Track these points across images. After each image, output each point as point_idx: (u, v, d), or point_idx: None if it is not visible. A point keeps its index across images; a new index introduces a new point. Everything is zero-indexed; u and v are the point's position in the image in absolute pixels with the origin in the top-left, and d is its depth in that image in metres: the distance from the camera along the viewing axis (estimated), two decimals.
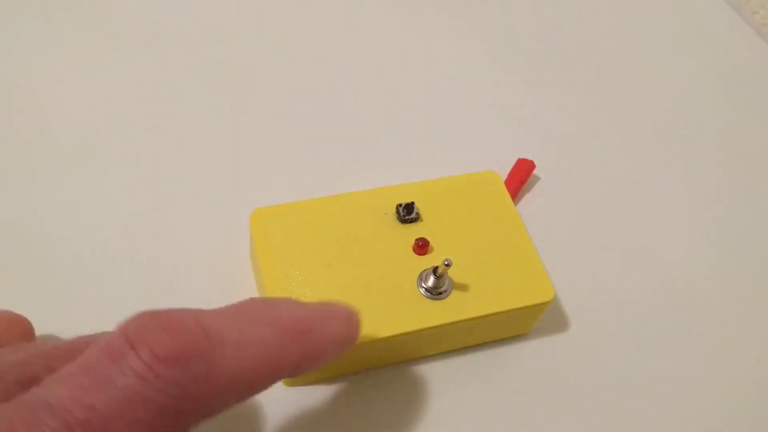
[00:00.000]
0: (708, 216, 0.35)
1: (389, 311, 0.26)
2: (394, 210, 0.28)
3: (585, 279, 0.32)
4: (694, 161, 0.37)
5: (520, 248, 0.28)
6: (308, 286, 0.26)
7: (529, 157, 0.34)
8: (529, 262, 0.28)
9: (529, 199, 0.34)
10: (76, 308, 0.27)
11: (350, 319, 0.22)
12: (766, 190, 0.37)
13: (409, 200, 0.28)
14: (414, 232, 0.27)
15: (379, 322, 0.25)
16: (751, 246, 0.35)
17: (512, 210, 0.29)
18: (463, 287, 0.27)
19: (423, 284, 0.26)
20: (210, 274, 0.29)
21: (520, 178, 0.34)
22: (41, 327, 0.25)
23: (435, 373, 0.28)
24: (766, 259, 0.34)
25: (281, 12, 0.40)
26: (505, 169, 0.33)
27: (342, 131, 0.35)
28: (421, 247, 0.27)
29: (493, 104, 0.38)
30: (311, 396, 0.27)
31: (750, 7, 0.46)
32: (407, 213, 0.28)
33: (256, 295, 0.28)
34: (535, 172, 0.34)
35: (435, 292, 0.26)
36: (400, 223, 0.28)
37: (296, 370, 0.19)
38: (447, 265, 0.25)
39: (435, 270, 0.26)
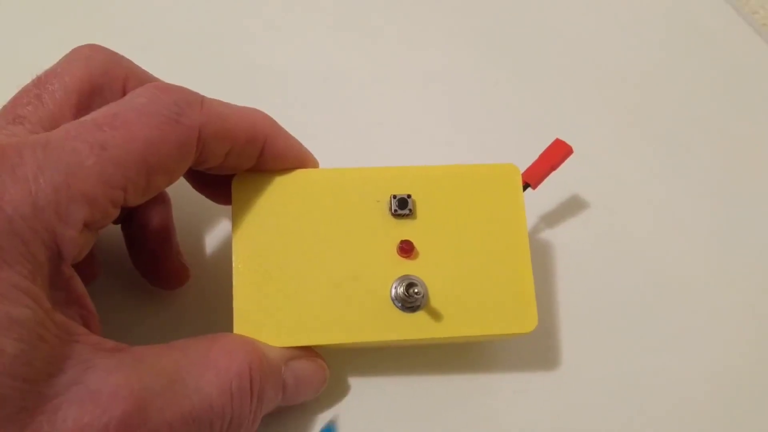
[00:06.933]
0: (707, 216, 0.35)
1: (353, 315, 0.24)
2: (389, 199, 0.26)
3: (582, 278, 0.31)
4: (694, 161, 0.37)
5: (516, 265, 0.26)
6: (276, 269, 0.24)
7: (526, 155, 0.33)
8: (521, 283, 0.25)
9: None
10: None
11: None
12: (766, 190, 0.36)
13: (409, 186, 0.26)
14: (404, 229, 0.25)
15: (340, 326, 0.24)
16: (750, 245, 0.34)
17: (521, 217, 0.26)
18: (440, 301, 0.25)
19: (396, 292, 0.25)
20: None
21: (553, 162, 0.29)
22: None
23: (420, 367, 0.28)
24: (765, 259, 0.34)
25: (288, 6, 0.40)
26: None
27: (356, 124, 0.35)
28: (405, 250, 0.25)
29: (492, 108, 0.37)
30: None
31: (750, 7, 0.46)
32: (400, 208, 0.25)
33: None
34: None
35: (406, 304, 0.24)
36: (391, 216, 0.25)
37: None
38: (414, 285, 0.24)
39: (408, 284, 0.24)
